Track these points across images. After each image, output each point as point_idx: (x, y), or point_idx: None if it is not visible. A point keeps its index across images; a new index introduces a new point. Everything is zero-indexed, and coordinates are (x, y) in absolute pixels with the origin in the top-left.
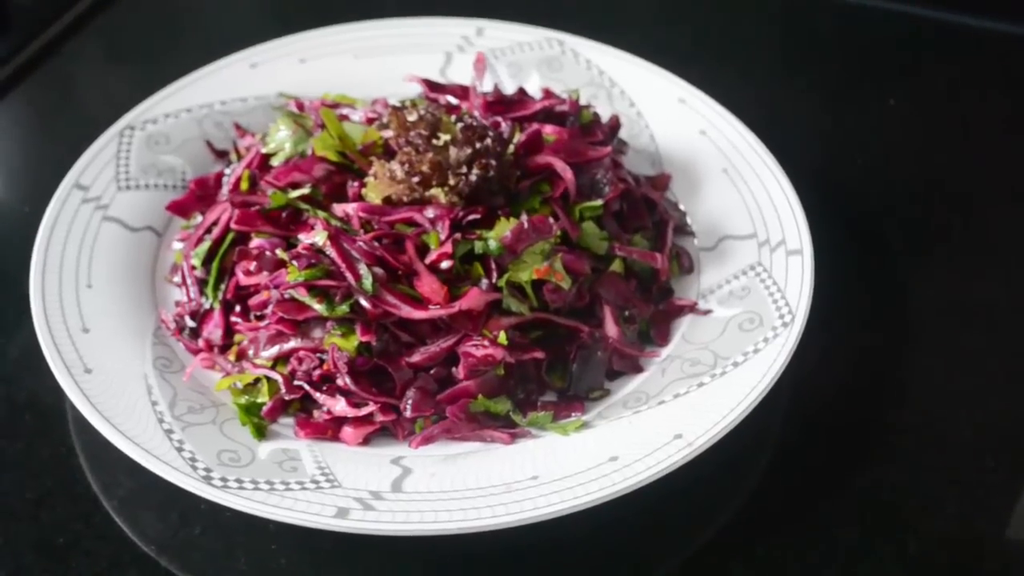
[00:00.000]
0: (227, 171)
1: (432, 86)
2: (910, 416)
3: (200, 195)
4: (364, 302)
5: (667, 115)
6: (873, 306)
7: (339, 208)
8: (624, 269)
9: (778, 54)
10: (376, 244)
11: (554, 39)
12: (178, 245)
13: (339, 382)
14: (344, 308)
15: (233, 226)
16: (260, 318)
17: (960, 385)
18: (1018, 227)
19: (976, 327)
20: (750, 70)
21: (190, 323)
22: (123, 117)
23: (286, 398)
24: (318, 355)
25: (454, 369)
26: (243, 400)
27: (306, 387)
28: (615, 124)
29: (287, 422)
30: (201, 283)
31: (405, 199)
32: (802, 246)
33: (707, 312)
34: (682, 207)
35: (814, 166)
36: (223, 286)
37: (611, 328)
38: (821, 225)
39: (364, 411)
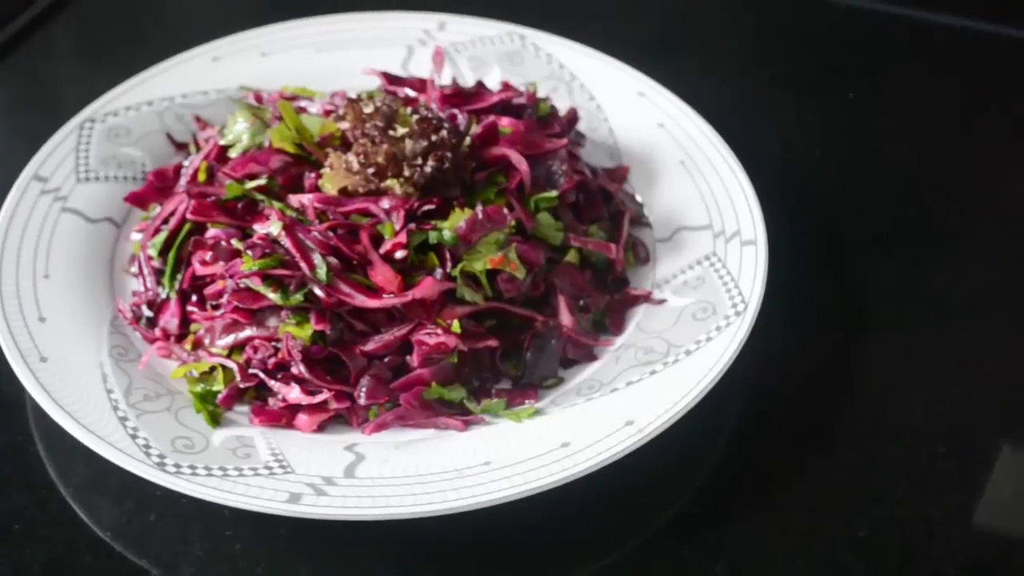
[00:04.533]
0: (186, 163)
1: (390, 79)
2: (863, 403)
3: (159, 186)
4: (318, 291)
5: (626, 108)
6: (828, 296)
7: (295, 199)
8: (580, 259)
9: (739, 49)
10: (331, 234)
11: (515, 33)
12: (136, 236)
13: (294, 370)
14: (298, 297)
15: (189, 216)
16: (216, 307)
17: (913, 373)
18: (973, 220)
19: (930, 317)
20: (711, 64)
21: (147, 312)
22: (84, 110)
23: (241, 386)
24: (273, 344)
25: (408, 357)
26: (199, 388)
27: (261, 375)
28: (572, 117)
29: (242, 410)
30: (158, 273)
31: (361, 190)
32: (756, 236)
33: (661, 302)
34: (639, 199)
35: (773, 159)
36: (179, 276)
37: (565, 317)
38: (779, 217)
39: (318, 399)
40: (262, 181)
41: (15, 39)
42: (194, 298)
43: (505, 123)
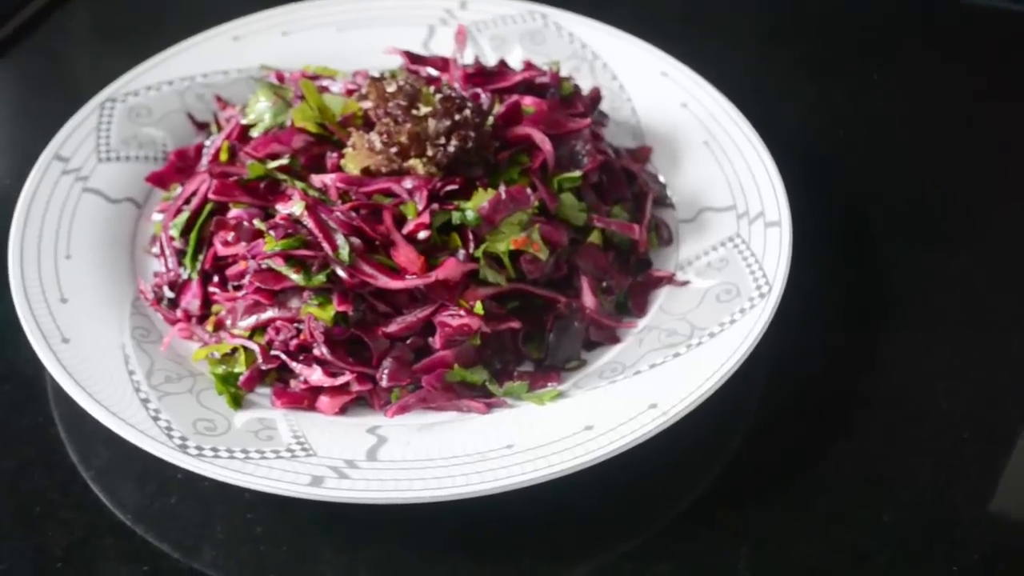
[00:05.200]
0: (207, 142)
1: (413, 58)
2: (886, 388)
3: (180, 166)
4: (341, 272)
5: (649, 88)
6: (853, 278)
7: (317, 179)
8: (603, 240)
9: (763, 28)
10: (353, 214)
11: (537, 12)
12: (158, 216)
13: (316, 352)
14: (321, 278)
15: (211, 196)
16: (238, 288)
17: (937, 357)
18: (998, 201)
19: (954, 301)
20: (735, 44)
21: (168, 293)
22: (104, 89)
23: (263, 368)
24: (295, 325)
25: (431, 339)
26: (220, 370)
27: (283, 357)
28: (596, 96)
29: (264, 392)
30: (179, 254)
31: (383, 170)
32: (780, 218)
33: (685, 283)
34: (662, 179)
35: (797, 139)
36: (201, 256)
37: (588, 299)
38: (802, 198)
39: (340, 381)
40: (284, 161)
41: (36, 19)
42: (216, 279)
43: (528, 102)
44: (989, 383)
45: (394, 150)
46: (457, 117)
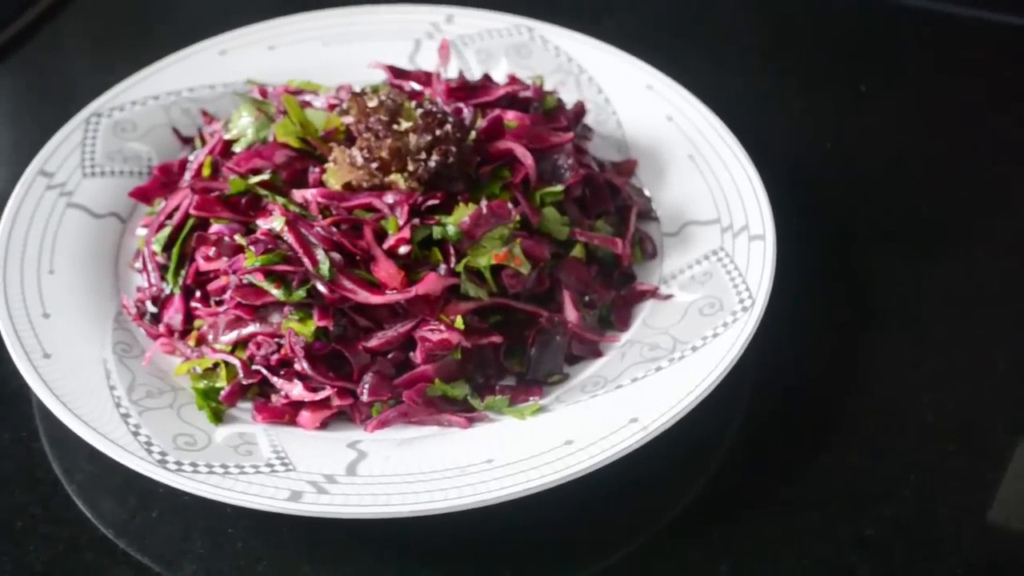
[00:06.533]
0: (191, 158)
1: (396, 72)
2: (872, 400)
3: (164, 181)
4: (321, 287)
5: (634, 101)
6: (837, 292)
7: (298, 194)
8: (586, 254)
9: (749, 41)
10: (334, 229)
11: (523, 26)
12: (142, 231)
13: (296, 367)
14: (301, 293)
15: (193, 212)
16: (219, 303)
17: (923, 370)
18: (984, 214)
19: (940, 313)
20: (721, 57)
21: (151, 308)
22: (90, 104)
23: (244, 382)
24: (276, 340)
25: (412, 354)
26: (201, 385)
27: (264, 372)
28: (579, 110)
29: (245, 407)
30: (162, 269)
31: (365, 185)
32: (764, 231)
33: (668, 297)
34: (647, 193)
35: (783, 152)
36: (183, 272)
37: (571, 313)
38: (788, 212)
39: (321, 395)
40: (266, 176)
41: (23, 34)
42: (198, 294)
43: (511, 117)
44: (975, 396)
45: (375, 165)
46: (438, 132)
